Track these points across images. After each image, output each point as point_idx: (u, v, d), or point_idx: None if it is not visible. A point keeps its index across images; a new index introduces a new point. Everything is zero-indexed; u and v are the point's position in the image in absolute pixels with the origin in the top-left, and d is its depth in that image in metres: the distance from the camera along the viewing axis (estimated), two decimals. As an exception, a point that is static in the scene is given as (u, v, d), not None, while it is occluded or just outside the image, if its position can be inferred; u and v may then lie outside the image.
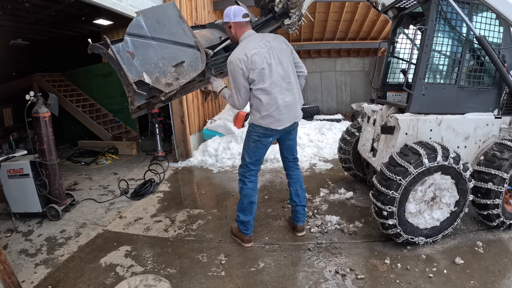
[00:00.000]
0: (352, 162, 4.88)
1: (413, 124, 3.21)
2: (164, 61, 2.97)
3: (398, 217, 2.96)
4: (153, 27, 3.00)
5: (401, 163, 2.90)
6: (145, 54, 2.90)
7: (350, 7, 10.60)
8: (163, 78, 2.90)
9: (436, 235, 3.13)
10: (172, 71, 2.95)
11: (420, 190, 3.02)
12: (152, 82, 2.81)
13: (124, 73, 2.73)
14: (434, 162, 2.86)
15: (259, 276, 2.83)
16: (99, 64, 10.66)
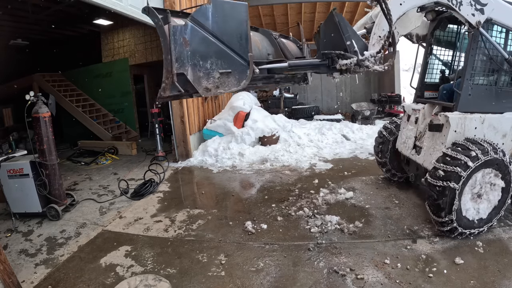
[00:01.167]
0: (389, 160, 4.89)
1: (461, 122, 3.42)
2: (213, 63, 2.86)
3: (456, 212, 3.10)
4: (217, 22, 2.85)
5: (460, 157, 3.07)
6: (198, 47, 2.77)
7: (350, 7, 10.61)
8: (205, 80, 2.81)
9: (482, 226, 3.28)
10: (216, 77, 2.84)
11: (471, 184, 3.19)
12: (193, 81, 2.72)
13: (170, 59, 2.61)
14: (488, 156, 3.10)
15: (259, 276, 2.83)
16: (99, 64, 10.67)
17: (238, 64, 2.94)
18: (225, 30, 2.88)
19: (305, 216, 3.95)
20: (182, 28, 2.73)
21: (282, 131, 8.03)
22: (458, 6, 3.18)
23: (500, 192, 3.31)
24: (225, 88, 2.89)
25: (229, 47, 2.92)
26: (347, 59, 3.08)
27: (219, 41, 2.86)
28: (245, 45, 2.96)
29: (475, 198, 3.24)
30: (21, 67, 10.24)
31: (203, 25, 2.80)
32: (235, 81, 2.92)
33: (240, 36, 2.96)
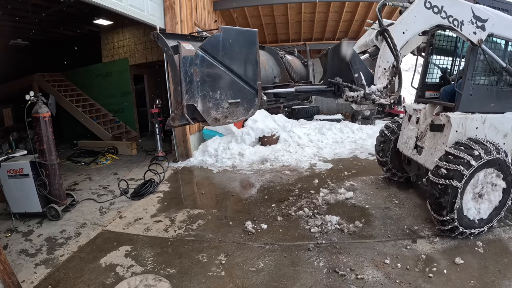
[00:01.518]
0: (390, 160, 4.89)
1: (462, 122, 3.44)
2: (223, 93, 2.83)
3: (457, 211, 3.11)
4: (227, 51, 2.82)
5: (463, 156, 3.08)
6: (208, 77, 2.75)
7: (350, 7, 10.60)
8: (214, 111, 2.79)
9: (483, 227, 3.29)
10: (225, 107, 2.83)
11: (473, 184, 3.20)
12: (203, 112, 2.70)
13: (180, 91, 2.60)
14: (490, 156, 3.11)
15: (259, 276, 2.83)
16: (99, 64, 10.67)
17: (247, 93, 2.93)
18: (235, 58, 2.86)
19: (305, 216, 3.95)
20: (193, 58, 2.69)
21: (282, 131, 8.03)
22: (460, 27, 3.21)
23: (501, 193, 3.32)
24: (233, 118, 2.86)
25: (239, 76, 2.90)
26: (354, 92, 3.10)
27: (229, 70, 2.85)
28: (254, 73, 2.95)
29: (476, 198, 3.25)
30: (21, 67, 10.24)
31: (213, 55, 2.78)
32: (243, 110, 2.92)
33: (249, 64, 2.94)
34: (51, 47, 11.26)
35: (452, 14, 3.15)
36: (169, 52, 2.64)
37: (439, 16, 3.14)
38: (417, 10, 3.11)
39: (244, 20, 11.13)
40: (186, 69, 2.65)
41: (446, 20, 3.16)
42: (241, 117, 2.92)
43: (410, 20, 3.12)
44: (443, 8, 3.13)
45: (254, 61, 2.95)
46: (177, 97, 2.64)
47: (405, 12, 3.15)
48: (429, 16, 3.13)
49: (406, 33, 3.14)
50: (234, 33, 2.88)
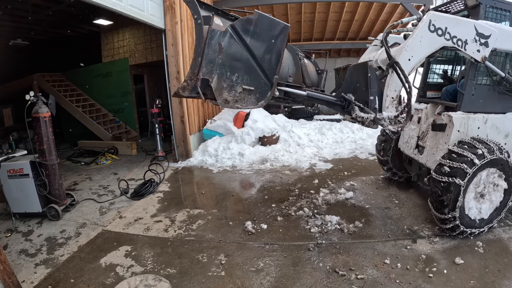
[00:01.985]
0: (390, 159, 4.89)
1: (464, 122, 3.45)
2: (239, 77, 2.81)
3: (459, 210, 3.11)
4: (255, 37, 2.79)
5: (467, 154, 3.09)
6: (230, 58, 2.71)
7: (350, 7, 10.61)
8: (226, 92, 2.76)
9: (483, 227, 3.29)
10: (238, 91, 2.80)
11: (476, 183, 3.21)
12: (215, 90, 2.67)
13: (200, 63, 2.55)
14: (493, 155, 3.13)
15: (259, 276, 2.83)
16: (99, 64, 10.67)
17: (262, 83, 2.90)
18: (261, 46, 2.83)
19: (305, 216, 3.95)
20: (221, 34, 2.66)
21: (282, 131, 8.03)
22: (464, 46, 3.21)
23: (502, 194, 3.33)
24: (242, 104, 2.83)
25: (259, 65, 2.87)
26: (365, 113, 3.10)
27: (251, 56, 2.81)
28: (275, 67, 2.91)
29: (478, 198, 3.25)
30: (21, 67, 10.24)
31: (242, 37, 2.75)
32: (254, 100, 2.88)
33: (273, 56, 2.90)
34: (51, 47, 11.26)
35: (456, 34, 3.16)
36: (198, 21, 2.58)
37: (443, 38, 3.15)
38: (421, 34, 3.11)
39: (244, 20, 11.11)
40: (211, 43, 2.60)
41: (450, 42, 3.17)
42: (250, 106, 2.88)
43: (415, 45, 3.12)
44: (447, 30, 3.14)
45: (278, 54, 2.91)
46: (194, 68, 2.60)
47: (410, 38, 3.15)
48: (433, 39, 3.14)
49: (412, 59, 3.15)
50: (267, 22, 2.83)
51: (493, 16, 3.51)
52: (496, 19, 3.54)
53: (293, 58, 3.52)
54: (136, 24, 9.18)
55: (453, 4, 3.86)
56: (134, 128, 10.69)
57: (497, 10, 3.50)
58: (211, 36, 2.58)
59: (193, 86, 2.61)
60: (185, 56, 6.91)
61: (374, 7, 10.53)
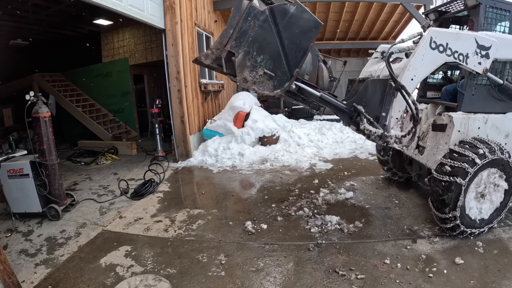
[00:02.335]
0: (391, 159, 4.89)
1: (465, 122, 3.45)
2: (264, 60, 2.82)
3: (460, 209, 3.11)
4: (289, 25, 2.80)
5: (468, 154, 3.09)
6: (260, 38, 2.73)
7: (350, 7, 10.61)
8: (247, 71, 2.78)
9: (483, 227, 3.29)
10: (259, 73, 2.82)
11: (476, 182, 3.20)
12: (238, 65, 2.69)
13: (230, 34, 2.55)
14: (494, 156, 3.13)
15: (259, 276, 2.83)
16: (99, 64, 10.67)
17: (283, 72, 2.92)
18: (291, 36, 2.85)
19: (305, 216, 3.95)
20: (259, 12, 2.66)
21: (282, 131, 8.03)
22: (465, 60, 3.21)
23: (503, 194, 3.33)
24: (259, 88, 2.85)
25: (285, 54, 2.89)
26: (373, 127, 3.12)
27: (280, 43, 2.83)
28: (299, 60, 2.94)
29: (478, 198, 3.25)
30: (21, 67, 10.24)
31: (276, 22, 2.76)
32: (271, 86, 2.90)
33: (299, 49, 2.93)
34: (51, 47, 11.26)
35: (457, 49, 3.16)
36: None
37: (444, 54, 3.15)
38: (423, 53, 3.11)
39: (244, 20, 11.11)
40: (248, 18, 2.61)
41: (451, 57, 3.17)
42: (266, 91, 2.90)
43: (417, 64, 3.12)
44: (448, 45, 3.13)
45: (305, 48, 2.93)
46: (223, 38, 2.60)
47: (412, 58, 3.15)
48: (435, 56, 3.14)
49: (414, 79, 3.15)
50: (303, 14, 2.86)
51: (493, 16, 3.50)
52: (496, 19, 3.54)
53: (312, 58, 3.56)
54: (136, 24, 9.18)
55: (453, 4, 3.86)
56: (134, 128, 10.69)
57: (497, 10, 3.50)
58: (248, 12, 2.60)
59: (217, 56, 2.62)
60: (185, 56, 6.91)
61: (374, 7, 10.53)
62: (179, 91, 6.67)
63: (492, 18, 3.52)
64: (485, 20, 3.45)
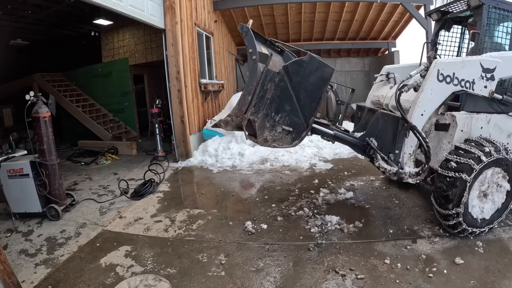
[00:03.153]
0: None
1: (468, 122, 3.42)
2: (281, 118, 2.85)
3: (463, 206, 3.09)
4: (303, 78, 2.83)
5: (474, 151, 3.07)
6: (278, 98, 2.76)
7: (350, 7, 10.61)
8: (267, 131, 2.82)
9: (484, 227, 3.27)
10: (277, 131, 2.86)
11: (481, 180, 3.19)
12: (258, 129, 2.73)
13: (249, 102, 2.58)
14: (500, 155, 3.11)
15: (259, 276, 2.83)
16: (99, 64, 10.67)
17: (299, 124, 2.95)
18: (306, 88, 2.89)
19: (305, 216, 3.95)
20: (275, 75, 2.68)
21: (282, 131, 8.02)
22: (472, 87, 3.23)
23: (505, 195, 3.32)
24: (279, 144, 2.89)
25: (301, 106, 2.91)
26: (388, 165, 3.19)
27: (296, 98, 2.86)
28: (314, 109, 2.97)
29: (481, 197, 3.25)
30: (21, 67, 10.24)
31: (291, 78, 2.79)
32: (290, 140, 2.94)
33: (314, 99, 2.95)
34: (51, 47, 11.26)
35: (464, 77, 3.18)
36: (253, 57, 2.60)
37: (452, 85, 3.18)
38: (431, 87, 3.13)
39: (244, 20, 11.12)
40: (265, 83, 2.63)
41: (458, 86, 3.20)
42: (285, 146, 2.96)
43: (426, 99, 3.16)
44: (454, 75, 3.16)
45: (319, 97, 2.97)
46: (242, 105, 2.62)
47: (420, 93, 3.17)
48: (443, 88, 3.17)
49: (424, 114, 3.20)
50: (316, 64, 2.89)
51: (496, 16, 3.50)
52: (499, 20, 3.54)
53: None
54: (136, 24, 9.18)
55: (456, 4, 3.86)
56: (134, 128, 10.70)
57: (499, 11, 3.49)
58: (265, 76, 2.60)
59: (238, 124, 2.65)
60: (185, 56, 6.91)
61: (374, 7, 10.53)
62: (179, 91, 6.67)
63: (495, 19, 3.51)
64: (488, 20, 3.44)
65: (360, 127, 4.21)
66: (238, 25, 2.80)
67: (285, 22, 11.46)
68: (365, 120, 4.17)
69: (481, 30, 3.43)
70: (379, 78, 4.63)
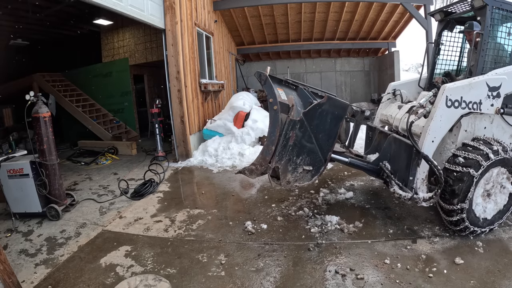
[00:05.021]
0: None
1: (471, 122, 3.42)
2: (302, 159, 2.90)
3: (469, 201, 3.09)
4: (321, 120, 2.88)
5: (483, 148, 3.08)
6: (299, 143, 2.83)
7: (350, 7, 10.61)
8: (290, 174, 2.87)
9: (485, 227, 3.27)
10: (299, 171, 2.92)
11: (487, 178, 3.19)
12: (281, 173, 2.77)
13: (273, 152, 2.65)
14: (507, 155, 3.12)
15: (259, 276, 2.83)
16: (99, 64, 10.67)
17: (318, 161, 3.01)
18: (323, 128, 2.94)
19: (305, 216, 3.95)
20: (296, 123, 2.74)
21: (282, 131, 8.01)
22: (479, 107, 3.25)
23: (507, 197, 3.32)
24: (300, 183, 2.95)
25: (319, 145, 2.97)
26: (403, 191, 3.24)
27: (315, 138, 2.92)
28: (331, 144, 3.03)
29: (485, 196, 3.25)
30: (21, 67, 10.24)
31: (310, 122, 2.84)
32: (310, 177, 3.00)
33: (331, 135, 3.01)
34: (51, 47, 11.26)
35: (471, 99, 3.21)
36: (274, 107, 2.64)
37: (460, 109, 3.21)
38: (440, 114, 3.16)
39: (244, 20, 11.14)
40: (287, 132, 2.68)
41: (466, 109, 3.23)
42: (306, 183, 3.00)
43: (436, 126, 3.20)
44: (462, 99, 3.19)
45: (335, 133, 3.03)
46: (266, 155, 2.68)
47: (430, 121, 3.20)
48: (452, 114, 3.21)
49: (435, 140, 3.23)
50: (333, 104, 2.96)
51: (499, 17, 3.51)
52: (502, 20, 3.54)
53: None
54: (136, 24, 9.19)
55: (460, 4, 3.86)
56: (134, 128, 10.70)
57: (503, 12, 3.50)
58: (288, 126, 2.65)
59: (262, 172, 2.69)
60: (185, 56, 6.92)
61: (374, 7, 10.53)
62: (179, 91, 6.67)
63: (498, 19, 3.52)
64: (491, 21, 3.45)
65: (373, 148, 4.27)
66: (256, 73, 2.85)
67: (285, 22, 11.46)
68: (376, 142, 4.24)
69: (485, 31, 3.43)
70: (386, 97, 4.67)
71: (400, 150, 3.46)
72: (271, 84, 2.70)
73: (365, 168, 3.66)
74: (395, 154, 3.54)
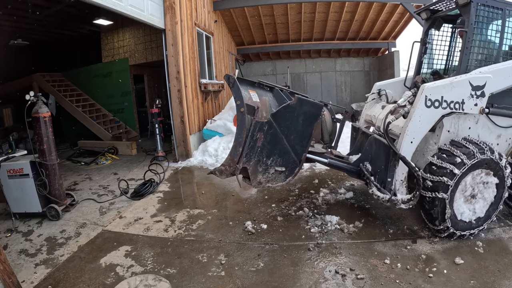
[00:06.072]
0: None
1: (455, 122, 3.34)
2: (273, 160, 2.88)
3: (450, 219, 3.05)
4: (292, 121, 2.87)
5: (446, 166, 2.98)
6: (268, 144, 2.81)
7: (350, 7, 10.61)
8: (261, 175, 2.86)
9: (481, 225, 3.24)
10: (270, 172, 2.91)
11: (461, 189, 3.11)
12: (251, 174, 2.77)
13: (241, 152, 2.64)
14: (474, 159, 3.00)
15: (259, 276, 2.83)
16: (99, 64, 10.67)
17: (291, 162, 3.00)
18: (296, 129, 2.93)
19: (305, 216, 3.95)
20: (263, 124, 2.73)
21: (282, 131, 8.02)
22: (461, 107, 3.16)
23: (494, 189, 3.23)
24: (273, 183, 2.95)
25: (292, 147, 2.96)
26: (381, 193, 3.21)
27: (287, 140, 2.90)
28: (305, 145, 3.01)
29: (469, 200, 3.17)
30: (21, 67, 10.24)
31: (280, 124, 2.83)
32: (283, 178, 3.00)
33: (305, 136, 2.99)
34: (51, 47, 11.26)
35: (453, 98, 3.12)
36: (241, 109, 2.66)
37: (440, 109, 3.12)
38: (419, 114, 3.09)
39: (244, 20, 11.13)
40: (254, 134, 2.69)
41: (447, 109, 3.14)
42: (279, 183, 3.00)
43: (415, 127, 3.12)
44: (443, 99, 3.10)
45: (309, 134, 3.01)
46: (234, 156, 2.68)
47: (409, 121, 3.12)
48: (431, 114, 3.12)
49: (414, 141, 3.16)
50: (304, 105, 2.94)
51: (485, 14, 3.38)
52: (488, 17, 3.43)
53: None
54: (136, 24, 9.18)
55: (445, 2, 3.81)
56: (134, 128, 10.69)
57: (489, 8, 3.37)
58: (254, 128, 2.66)
59: (231, 172, 2.70)
60: (185, 56, 6.91)
61: (374, 7, 10.53)
62: (179, 91, 6.67)
63: (484, 17, 3.39)
64: (476, 18, 3.33)
65: (355, 149, 4.24)
66: (224, 76, 2.86)
67: (285, 22, 11.45)
68: (359, 143, 4.20)
69: (469, 29, 3.32)
70: (371, 97, 4.61)
71: (379, 151, 3.40)
72: (238, 87, 2.71)
73: (345, 169, 3.61)
74: (375, 155, 3.47)
